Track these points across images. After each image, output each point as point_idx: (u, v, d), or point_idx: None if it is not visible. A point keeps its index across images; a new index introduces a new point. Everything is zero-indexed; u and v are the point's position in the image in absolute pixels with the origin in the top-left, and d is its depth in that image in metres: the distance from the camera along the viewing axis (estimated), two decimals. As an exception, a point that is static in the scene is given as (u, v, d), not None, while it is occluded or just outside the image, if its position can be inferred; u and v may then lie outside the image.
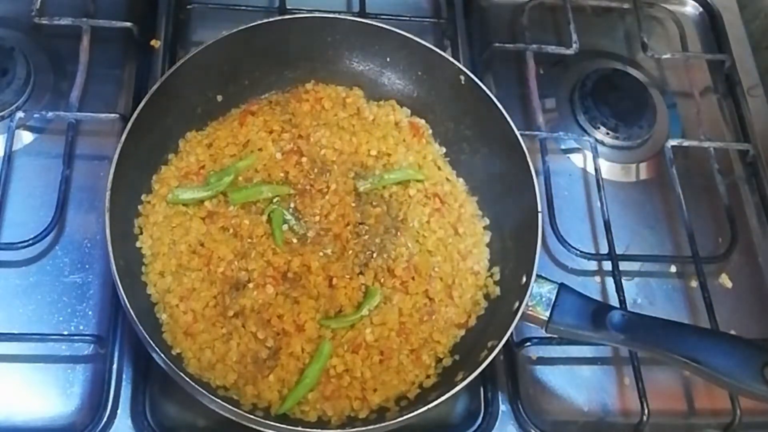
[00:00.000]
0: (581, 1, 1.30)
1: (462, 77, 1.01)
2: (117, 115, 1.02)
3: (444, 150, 1.06)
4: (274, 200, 0.96)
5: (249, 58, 1.02)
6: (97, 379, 0.90)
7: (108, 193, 0.86)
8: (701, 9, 1.36)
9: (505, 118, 0.97)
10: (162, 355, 0.80)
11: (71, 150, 1.00)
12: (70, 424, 0.88)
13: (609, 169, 1.16)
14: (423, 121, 1.07)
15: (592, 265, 1.07)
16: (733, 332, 1.03)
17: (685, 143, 1.17)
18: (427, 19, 1.23)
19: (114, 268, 0.83)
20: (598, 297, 1.04)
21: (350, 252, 0.95)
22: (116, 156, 0.88)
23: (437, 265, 0.96)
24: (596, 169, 1.11)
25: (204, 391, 0.79)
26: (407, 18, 1.19)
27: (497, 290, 0.96)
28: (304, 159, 0.99)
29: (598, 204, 1.09)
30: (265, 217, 0.95)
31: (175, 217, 0.93)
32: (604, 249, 1.06)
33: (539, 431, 0.93)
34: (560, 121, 1.19)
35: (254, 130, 1.00)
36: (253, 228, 0.94)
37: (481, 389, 0.96)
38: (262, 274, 0.91)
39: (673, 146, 1.15)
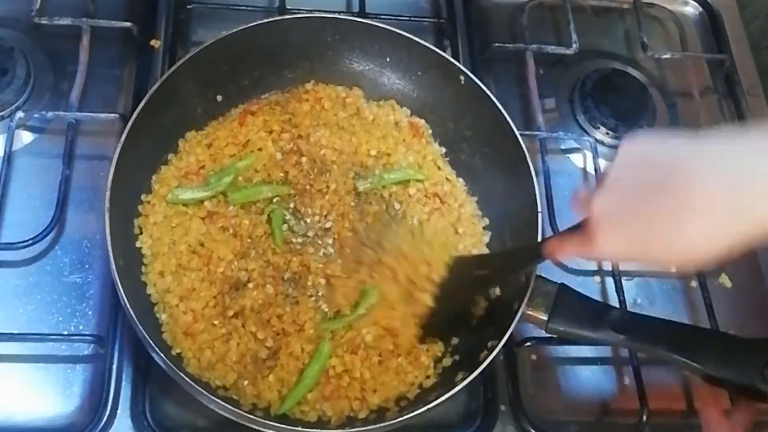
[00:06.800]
0: (581, 1, 1.30)
1: (462, 77, 1.01)
2: (117, 115, 1.02)
3: (444, 150, 1.06)
4: (274, 200, 0.96)
5: (249, 58, 1.02)
6: (97, 379, 0.90)
7: (108, 193, 0.85)
8: (701, 9, 1.35)
9: (505, 118, 0.97)
10: (162, 355, 0.80)
11: (71, 150, 1.00)
12: (70, 424, 0.88)
13: (609, 169, 1.16)
14: (423, 121, 1.07)
15: (592, 265, 1.07)
16: (733, 332, 1.03)
17: (685, 143, 1.17)
18: (427, 19, 1.23)
19: (114, 268, 0.83)
20: (598, 297, 1.03)
21: (350, 252, 0.94)
22: (116, 156, 0.88)
23: (437, 265, 0.96)
24: (596, 169, 1.11)
25: (204, 391, 0.79)
26: (407, 18, 1.19)
27: (497, 290, 0.96)
28: (303, 159, 0.99)
29: (598, 204, 1.09)
30: (264, 217, 0.95)
31: (174, 217, 0.93)
32: (604, 249, 1.06)
33: (539, 431, 0.93)
34: (560, 121, 1.19)
35: (254, 130, 1.00)
36: (253, 228, 0.94)
37: (481, 389, 0.96)
38: (261, 274, 0.91)
39: (673, 146, 1.15)
